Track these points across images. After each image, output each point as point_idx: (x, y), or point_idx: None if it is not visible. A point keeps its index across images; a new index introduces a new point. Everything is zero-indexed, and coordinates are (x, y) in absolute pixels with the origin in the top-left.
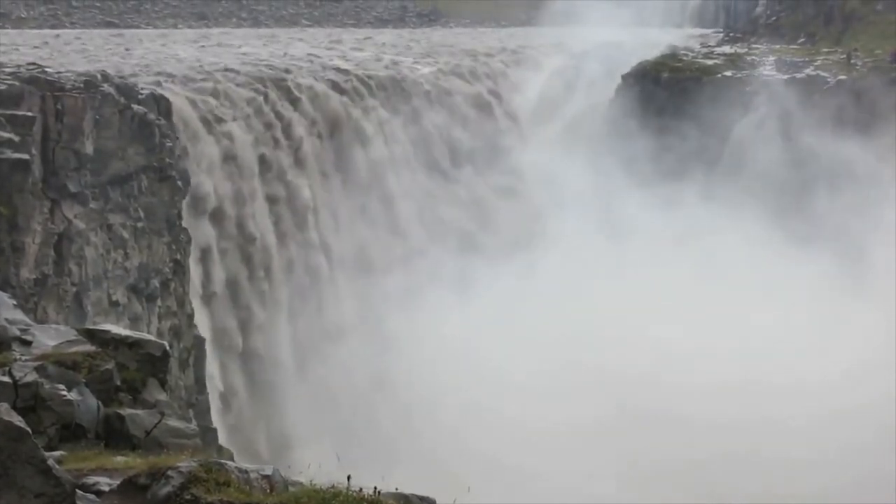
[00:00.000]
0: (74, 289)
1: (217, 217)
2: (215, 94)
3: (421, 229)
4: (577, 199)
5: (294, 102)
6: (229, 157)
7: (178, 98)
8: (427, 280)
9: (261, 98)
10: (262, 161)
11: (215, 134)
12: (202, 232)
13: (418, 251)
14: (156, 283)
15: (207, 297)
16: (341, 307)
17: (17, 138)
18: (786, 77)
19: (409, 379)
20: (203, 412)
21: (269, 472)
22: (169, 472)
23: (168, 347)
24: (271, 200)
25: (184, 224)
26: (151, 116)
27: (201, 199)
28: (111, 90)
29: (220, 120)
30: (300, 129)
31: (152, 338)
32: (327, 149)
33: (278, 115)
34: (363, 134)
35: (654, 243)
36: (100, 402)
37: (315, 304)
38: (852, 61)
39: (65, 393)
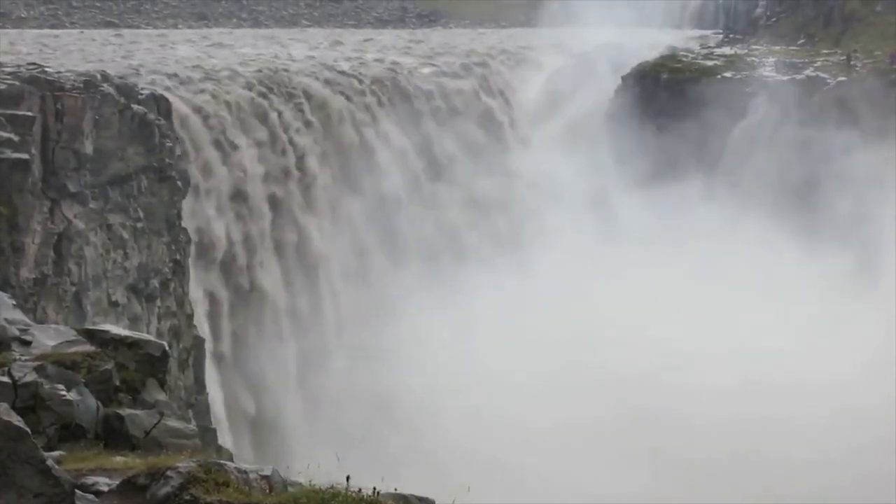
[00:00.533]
0: (74, 289)
1: (226, 264)
2: (224, 103)
3: (421, 232)
4: (577, 200)
5: (296, 104)
6: (239, 197)
7: (180, 102)
8: (427, 283)
9: (274, 115)
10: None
11: (229, 165)
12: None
13: (418, 254)
14: (155, 283)
15: (218, 357)
16: (344, 320)
17: (16, 138)
18: (785, 78)
19: (410, 386)
20: (202, 412)
21: (268, 472)
22: (168, 473)
23: (167, 348)
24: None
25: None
26: (151, 116)
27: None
28: (111, 90)
29: (234, 146)
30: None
31: (152, 338)
32: (332, 160)
33: (283, 124)
34: (368, 145)
35: (653, 243)
36: (99, 403)
37: (319, 320)
38: (852, 62)
39: (64, 393)
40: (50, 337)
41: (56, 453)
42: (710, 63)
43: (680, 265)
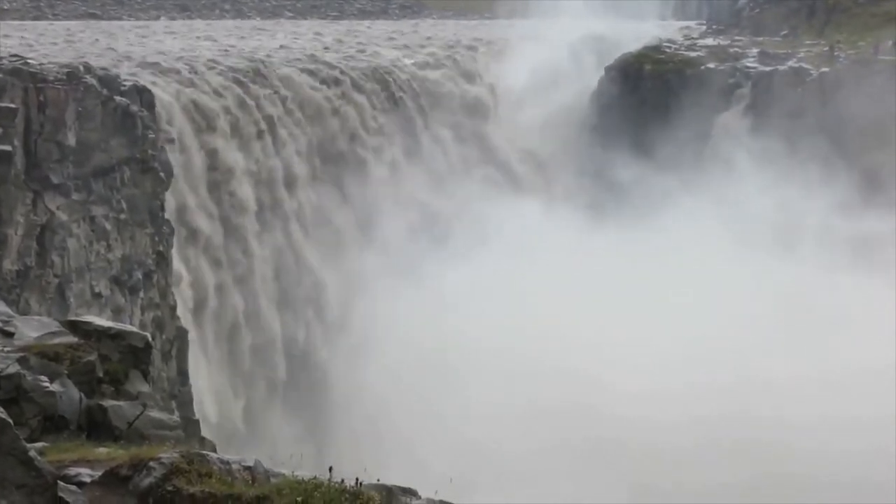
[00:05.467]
0: (57, 280)
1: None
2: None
3: (407, 224)
4: (560, 190)
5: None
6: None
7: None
8: (406, 277)
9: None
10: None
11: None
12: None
13: (397, 244)
14: (138, 274)
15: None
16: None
17: None
18: (769, 69)
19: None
20: (185, 404)
21: (250, 463)
22: (151, 464)
23: (150, 339)
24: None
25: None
26: (134, 108)
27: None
28: (94, 82)
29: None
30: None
31: (135, 329)
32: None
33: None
34: (358, 140)
35: (637, 234)
36: (82, 394)
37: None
38: (835, 53)
39: (47, 384)
40: (33, 328)
41: (39, 444)
42: (693, 54)
43: (664, 257)
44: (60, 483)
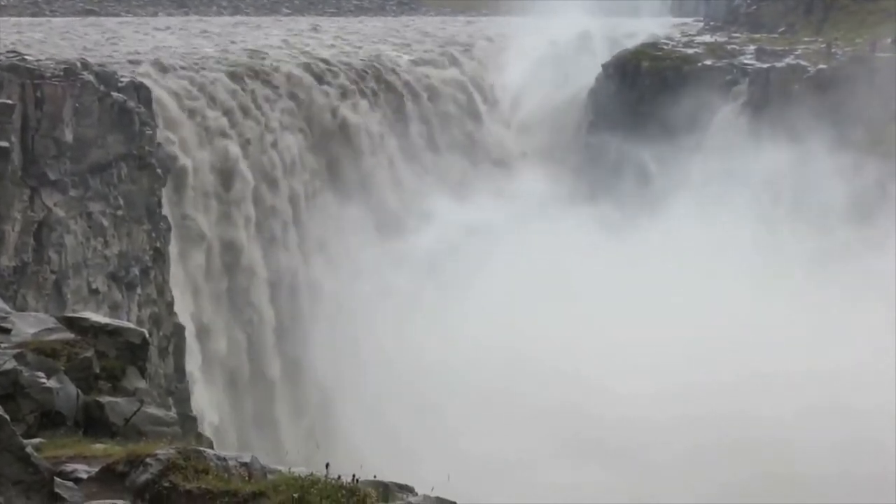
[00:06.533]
0: (54, 276)
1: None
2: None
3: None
4: (559, 190)
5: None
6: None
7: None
8: (396, 281)
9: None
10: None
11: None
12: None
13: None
14: (135, 270)
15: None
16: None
17: None
18: (766, 66)
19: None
20: (182, 400)
21: (247, 459)
22: (147, 460)
23: (147, 335)
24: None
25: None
26: (131, 104)
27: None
28: (91, 78)
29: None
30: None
31: (132, 325)
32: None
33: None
34: (354, 137)
35: (635, 232)
36: (79, 390)
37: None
38: (833, 50)
39: (44, 381)
40: (30, 325)
41: (36, 441)
42: (690, 51)
43: (663, 257)
44: (57, 479)
